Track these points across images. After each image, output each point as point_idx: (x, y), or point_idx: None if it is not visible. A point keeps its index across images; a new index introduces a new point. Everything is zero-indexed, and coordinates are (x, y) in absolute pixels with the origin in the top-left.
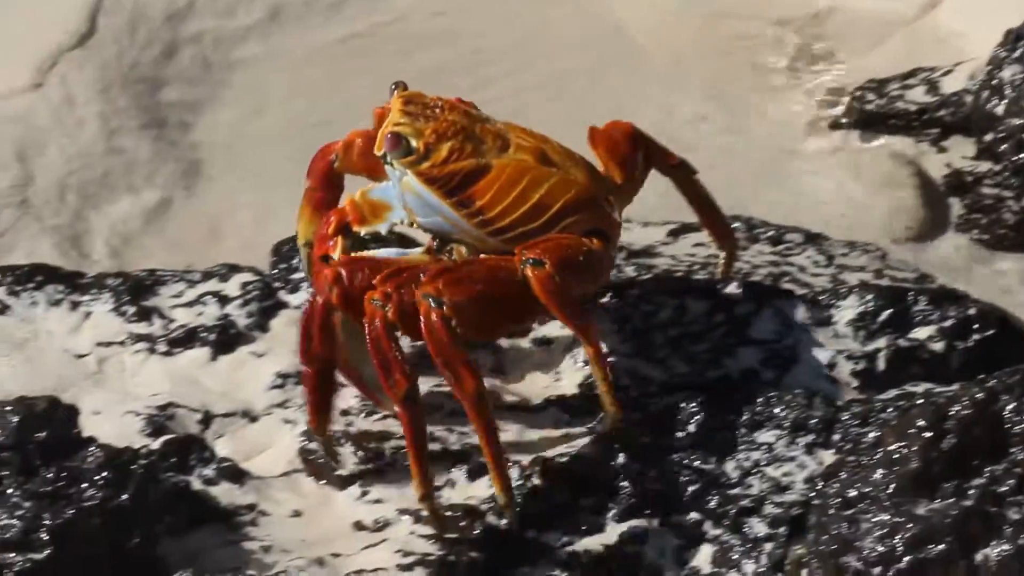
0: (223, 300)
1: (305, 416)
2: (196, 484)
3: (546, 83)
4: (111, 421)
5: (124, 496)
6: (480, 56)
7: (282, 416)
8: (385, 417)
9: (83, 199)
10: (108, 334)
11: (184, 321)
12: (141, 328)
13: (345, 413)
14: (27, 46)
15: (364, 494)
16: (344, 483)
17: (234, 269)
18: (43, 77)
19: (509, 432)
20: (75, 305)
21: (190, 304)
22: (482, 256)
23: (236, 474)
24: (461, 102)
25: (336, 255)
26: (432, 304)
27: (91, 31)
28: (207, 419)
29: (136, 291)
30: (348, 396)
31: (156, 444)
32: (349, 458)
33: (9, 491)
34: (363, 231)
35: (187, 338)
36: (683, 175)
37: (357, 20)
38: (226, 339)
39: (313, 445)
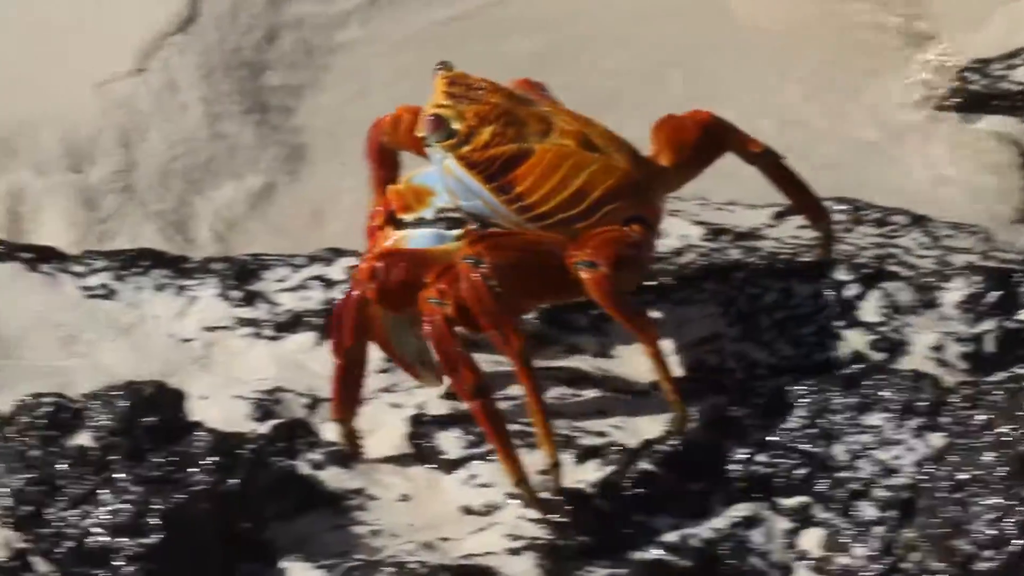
0: (328, 284)
1: (412, 400)
2: (304, 468)
3: (646, 67)
4: (218, 406)
5: (233, 481)
6: (579, 40)
7: (389, 400)
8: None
9: (187, 184)
10: (214, 319)
11: (290, 305)
12: (247, 312)
13: (451, 396)
14: (130, 32)
15: (472, 478)
16: (451, 467)
17: (338, 253)
18: (146, 63)
19: (615, 417)
20: (181, 290)
21: (295, 288)
22: (525, 231)
23: (344, 458)
24: (528, 83)
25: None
26: (472, 264)
27: (193, 16)
28: (314, 403)
29: (241, 276)
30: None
31: (264, 428)
32: (456, 442)
33: (119, 476)
34: (408, 218)
35: (293, 322)
36: (767, 162)
37: (457, 3)
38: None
39: (420, 429)
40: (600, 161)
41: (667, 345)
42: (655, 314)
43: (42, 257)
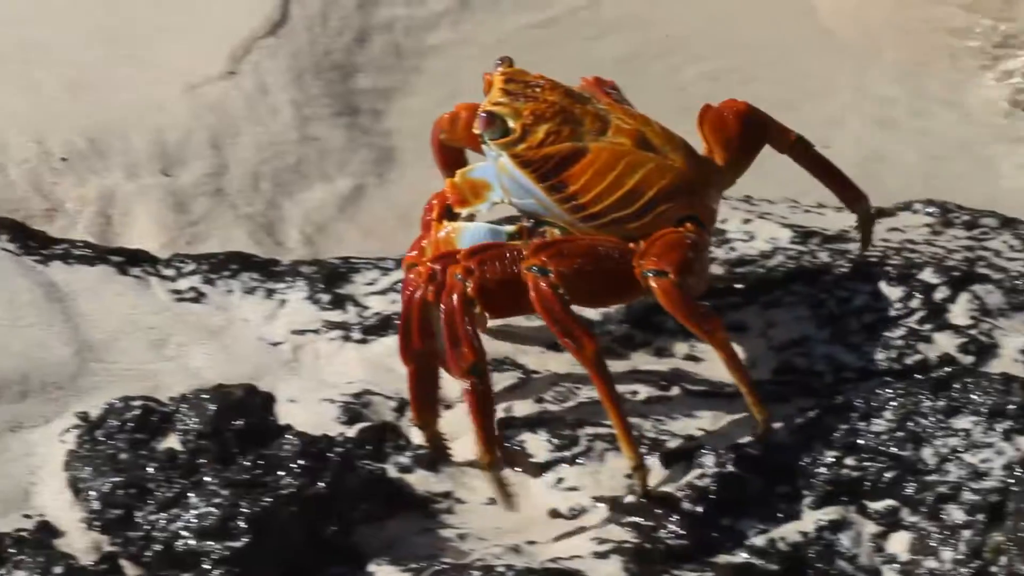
0: None
1: (502, 403)
2: (392, 472)
3: (737, 67)
4: (307, 409)
5: (321, 484)
6: (671, 41)
7: None
8: (580, 405)
9: (277, 187)
10: (303, 322)
11: (378, 309)
12: (335, 316)
13: (539, 400)
14: (222, 34)
15: (559, 481)
16: (539, 470)
17: None
18: (237, 65)
19: (703, 419)
20: (270, 293)
21: (384, 292)
22: (580, 234)
23: (431, 462)
24: (599, 82)
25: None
26: (539, 274)
27: (284, 19)
28: (402, 407)
29: (330, 279)
30: (544, 384)
31: (352, 432)
32: (544, 445)
33: (207, 479)
34: (464, 212)
35: (381, 326)
36: (800, 149)
37: (549, 6)
38: None
39: (509, 432)
40: (655, 161)
41: (756, 347)
42: (742, 316)
43: (132, 260)
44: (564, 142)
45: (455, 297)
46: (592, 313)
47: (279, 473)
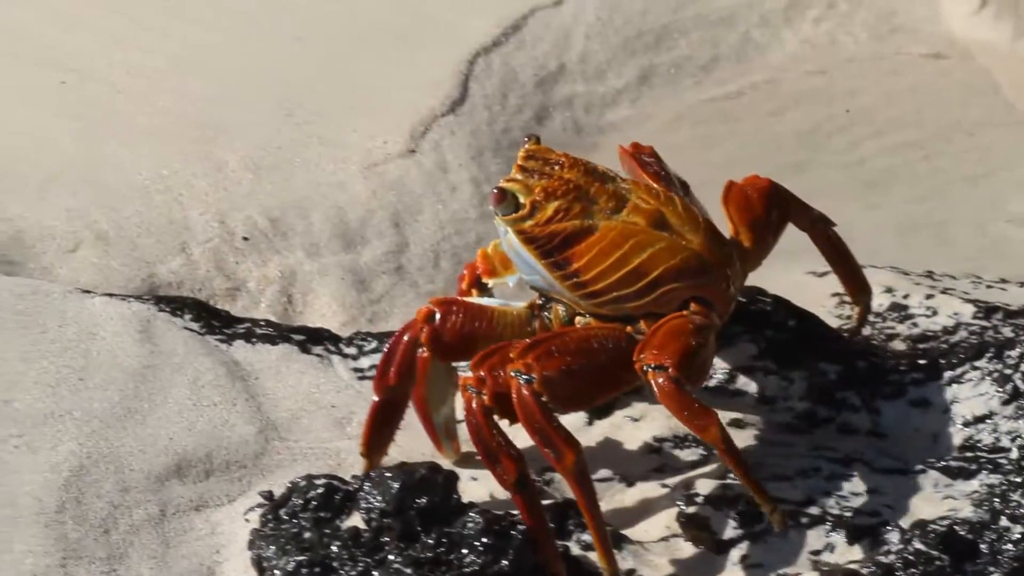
0: None
1: (681, 479)
2: (575, 549)
3: (918, 141)
4: (489, 487)
5: (504, 562)
6: (852, 116)
7: (659, 480)
8: (763, 480)
9: (457, 265)
10: None
11: None
12: None
13: (722, 477)
14: (402, 113)
15: (743, 559)
16: (722, 547)
17: None
18: (417, 144)
19: (887, 495)
20: (450, 371)
21: None
22: (576, 325)
23: (614, 539)
24: (636, 148)
25: None
26: (522, 381)
27: (463, 97)
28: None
29: None
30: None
31: None
32: (728, 522)
33: (391, 557)
34: (492, 283)
35: None
36: (820, 230)
37: (728, 81)
38: (603, 404)
39: (691, 510)
40: (667, 241)
41: (939, 423)
42: (925, 392)
43: (314, 339)
44: (573, 220)
45: (475, 409)
46: (773, 387)
47: (463, 551)
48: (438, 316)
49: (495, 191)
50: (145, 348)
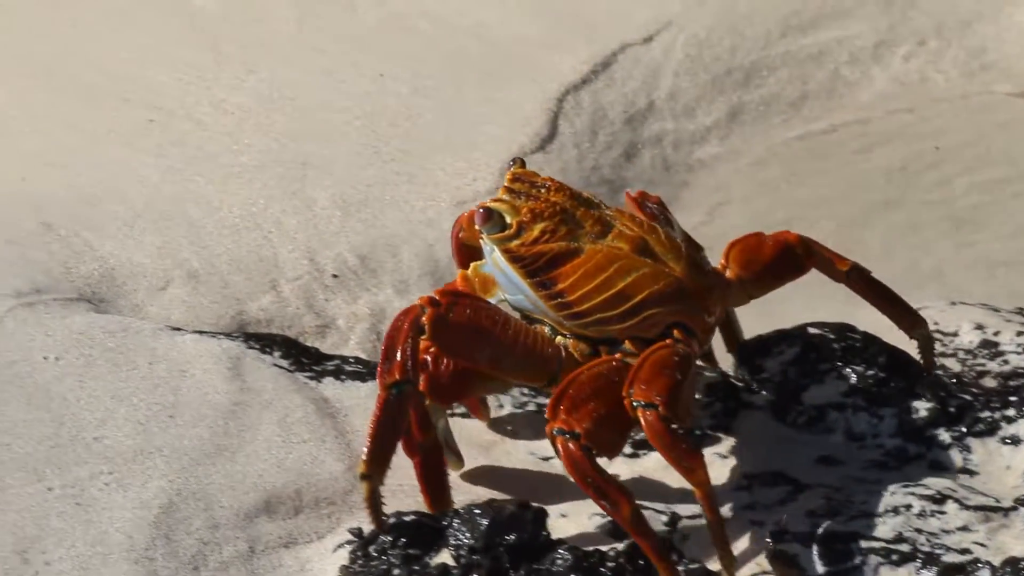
0: None
1: (774, 517)
2: None
3: (1008, 178)
4: (578, 523)
5: None
6: (942, 153)
7: (749, 517)
8: (852, 519)
9: None
10: None
11: None
12: None
13: (811, 514)
14: (492, 151)
15: None
16: None
17: (697, 370)
18: (502, 180)
19: (978, 533)
20: (541, 408)
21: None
22: (583, 368)
23: (702, 575)
24: (643, 196)
25: None
26: (569, 438)
27: (552, 135)
28: (673, 520)
29: None
30: (815, 497)
31: (622, 546)
32: (818, 559)
33: None
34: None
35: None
36: (855, 277)
37: (818, 119)
38: (691, 440)
39: (781, 547)
40: (650, 266)
41: None
42: (1017, 430)
43: None
44: (559, 241)
45: (575, 454)
46: (863, 424)
47: None
48: (442, 303)
49: (482, 210)
50: (235, 385)
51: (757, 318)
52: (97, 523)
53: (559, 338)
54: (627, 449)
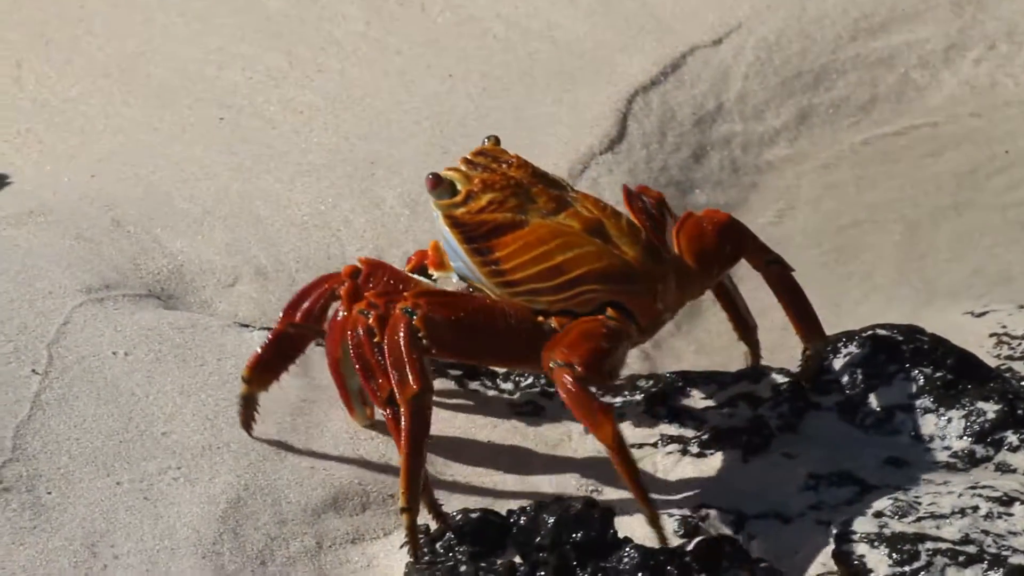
0: (754, 401)
1: (840, 517)
2: None
3: None
4: (645, 521)
5: None
6: (1012, 156)
7: (815, 517)
8: (918, 520)
9: None
10: (640, 435)
11: (715, 423)
12: (672, 429)
13: (878, 515)
14: (561, 151)
15: None
16: None
17: (764, 370)
18: (575, 181)
19: None
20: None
21: (721, 406)
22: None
23: (769, 574)
24: (643, 191)
25: None
26: (405, 312)
27: (621, 136)
28: (740, 520)
29: (667, 393)
30: (882, 498)
31: (690, 545)
32: (883, 560)
33: None
34: (436, 275)
35: (719, 439)
36: (774, 270)
37: (887, 122)
38: (758, 440)
39: (848, 547)
40: (597, 246)
41: None
42: None
43: (471, 374)
44: (505, 213)
45: (359, 330)
46: (931, 426)
47: None
48: (363, 272)
49: (431, 176)
50: (303, 381)
51: (825, 320)
52: (165, 517)
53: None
54: (694, 448)
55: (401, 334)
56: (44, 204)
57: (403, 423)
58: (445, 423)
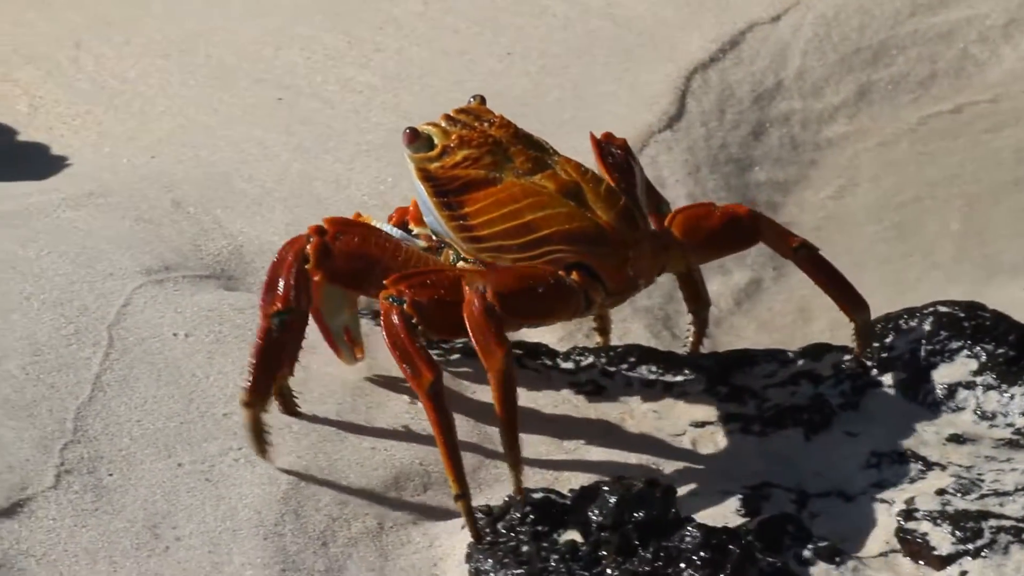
0: (815, 379)
1: (903, 496)
2: (792, 564)
3: None
4: (707, 501)
5: None
6: None
7: (878, 495)
8: (983, 496)
9: (674, 280)
10: (702, 414)
11: (777, 401)
12: (734, 408)
13: (941, 492)
14: (618, 129)
15: (963, 575)
16: (942, 563)
17: (825, 348)
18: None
19: None
20: (668, 386)
21: (782, 384)
22: (458, 265)
23: (832, 554)
24: (608, 137)
25: None
26: (392, 302)
27: (680, 113)
28: (802, 499)
29: (728, 371)
30: (946, 476)
31: (752, 524)
32: (947, 538)
33: (608, 571)
34: (417, 230)
35: (780, 417)
36: (803, 255)
37: (946, 99)
38: (820, 418)
39: (911, 525)
40: (569, 208)
41: None
42: None
43: (531, 353)
44: (479, 170)
45: (394, 316)
46: (993, 402)
47: (681, 565)
48: (328, 231)
49: (408, 130)
50: (363, 363)
51: (886, 297)
52: (227, 499)
53: (460, 263)
54: (756, 427)
55: (397, 323)
56: (104, 186)
57: (428, 414)
58: None
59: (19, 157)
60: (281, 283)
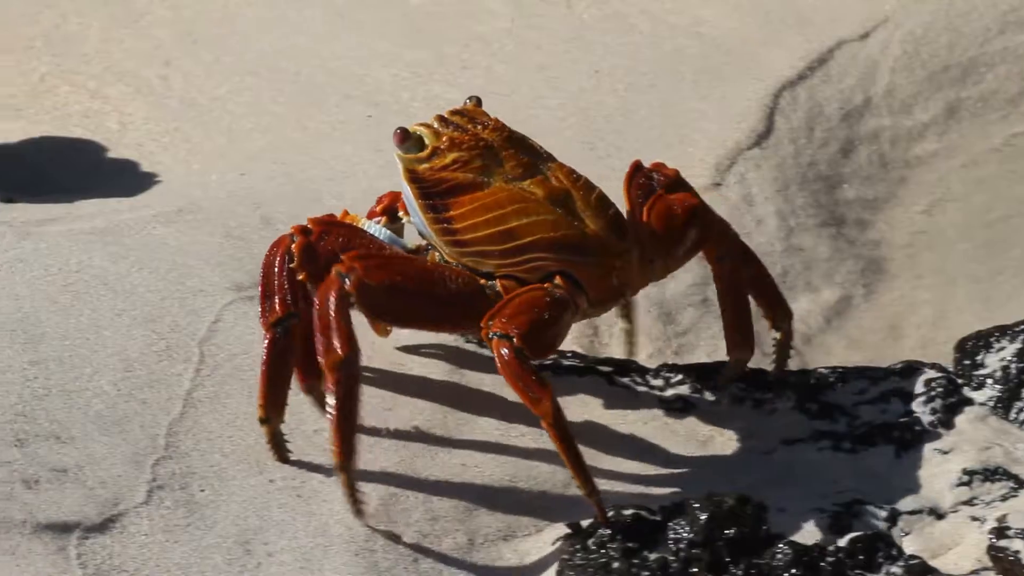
0: (906, 397)
1: (995, 513)
2: None
3: None
4: (798, 518)
5: None
6: None
7: (969, 513)
8: None
9: None
10: (792, 431)
11: (868, 418)
12: (825, 425)
13: (1010, 522)
14: (708, 146)
15: None
16: None
17: (916, 366)
18: (722, 176)
19: None
20: (758, 403)
21: (873, 401)
22: (435, 262)
23: (924, 571)
24: (657, 167)
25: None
26: (339, 276)
27: (769, 131)
28: (893, 516)
29: (818, 388)
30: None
31: (843, 541)
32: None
33: None
34: (406, 220)
35: (871, 435)
36: (726, 268)
37: None
38: (911, 436)
39: (1003, 543)
40: (555, 215)
41: None
42: None
43: (621, 371)
44: (467, 173)
45: (333, 289)
46: None
47: None
48: (313, 232)
49: (399, 130)
50: (453, 378)
51: (976, 315)
52: (318, 515)
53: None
54: (846, 444)
55: (332, 298)
56: (193, 202)
57: (329, 390)
58: (595, 419)
59: (109, 174)
60: (276, 291)
